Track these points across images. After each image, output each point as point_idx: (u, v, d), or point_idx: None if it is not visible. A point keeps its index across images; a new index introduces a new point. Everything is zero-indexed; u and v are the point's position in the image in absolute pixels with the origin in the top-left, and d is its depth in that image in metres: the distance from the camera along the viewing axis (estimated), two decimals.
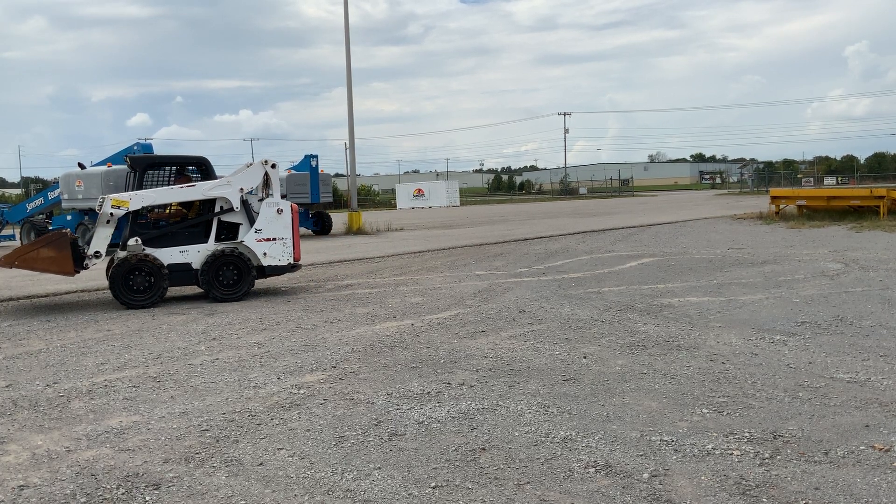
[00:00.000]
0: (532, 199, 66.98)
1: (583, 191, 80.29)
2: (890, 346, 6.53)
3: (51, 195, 21.19)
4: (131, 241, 9.91)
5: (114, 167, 19.23)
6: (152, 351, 7.15)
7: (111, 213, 9.89)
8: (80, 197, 19.42)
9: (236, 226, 10.45)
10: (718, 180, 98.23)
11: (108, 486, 3.91)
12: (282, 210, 10.51)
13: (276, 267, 10.51)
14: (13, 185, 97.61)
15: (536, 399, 5.24)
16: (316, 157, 23.24)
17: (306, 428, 4.77)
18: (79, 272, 10.13)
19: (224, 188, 10.31)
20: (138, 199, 10.01)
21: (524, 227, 25.01)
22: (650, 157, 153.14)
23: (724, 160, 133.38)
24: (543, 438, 4.46)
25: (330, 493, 3.79)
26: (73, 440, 4.65)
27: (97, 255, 9.93)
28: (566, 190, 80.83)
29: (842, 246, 14.80)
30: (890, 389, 5.25)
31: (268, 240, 10.40)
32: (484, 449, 4.33)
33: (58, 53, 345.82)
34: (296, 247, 10.63)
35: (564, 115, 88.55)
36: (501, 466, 4.06)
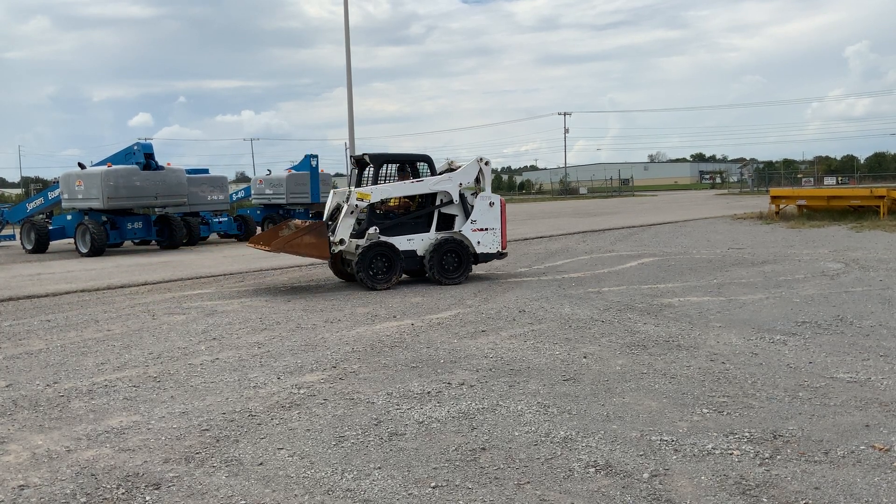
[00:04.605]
0: (532, 199, 66.92)
1: (583, 191, 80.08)
2: (890, 345, 6.53)
3: (51, 195, 21.11)
4: (370, 230, 10.90)
5: (114, 167, 19.15)
6: (152, 351, 7.15)
7: (356, 205, 10.81)
8: (80, 197, 19.35)
9: (452, 217, 11.51)
10: (718, 180, 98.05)
11: (108, 486, 3.91)
12: (493, 203, 11.59)
13: (487, 254, 11.58)
14: (13, 185, 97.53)
15: (536, 399, 5.24)
16: (316, 156, 23.20)
17: (306, 428, 4.77)
18: (329, 257, 11.10)
19: (446, 183, 11.39)
20: (378, 193, 11.07)
21: (524, 226, 24.99)
22: (650, 156, 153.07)
23: (723, 160, 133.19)
24: (543, 438, 4.47)
25: (330, 492, 3.80)
26: (74, 440, 4.65)
27: (342, 241, 10.83)
28: (566, 190, 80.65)
29: (842, 246, 14.81)
30: (890, 389, 5.25)
31: (481, 230, 11.51)
32: (484, 449, 4.33)
33: (60, 53, 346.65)
34: (503, 236, 11.68)
35: (564, 114, 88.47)
36: (501, 466, 4.07)
